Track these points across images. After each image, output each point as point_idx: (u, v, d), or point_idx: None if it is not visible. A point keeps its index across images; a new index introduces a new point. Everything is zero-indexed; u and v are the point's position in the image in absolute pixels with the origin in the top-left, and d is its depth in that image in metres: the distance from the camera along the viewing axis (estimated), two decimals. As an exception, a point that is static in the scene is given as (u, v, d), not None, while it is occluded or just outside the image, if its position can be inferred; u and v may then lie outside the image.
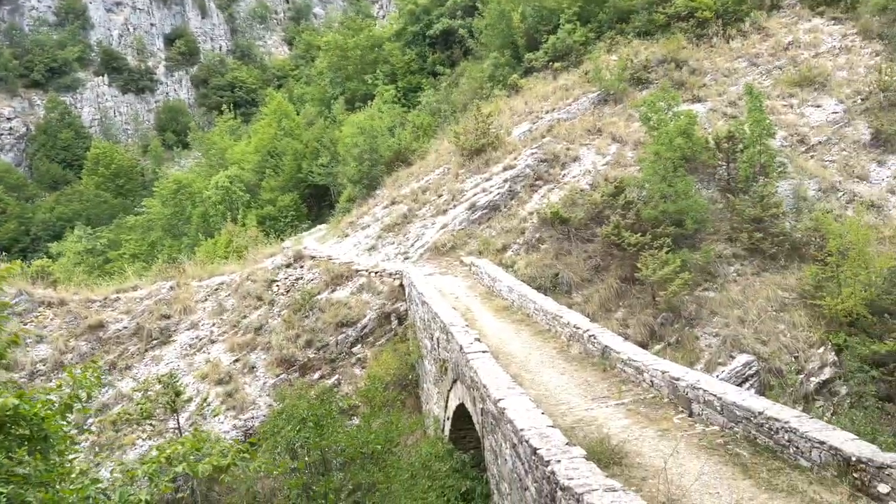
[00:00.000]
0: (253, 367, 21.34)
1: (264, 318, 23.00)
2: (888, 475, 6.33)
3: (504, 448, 9.46)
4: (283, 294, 23.92)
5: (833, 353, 19.80)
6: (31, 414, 4.48)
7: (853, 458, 6.80)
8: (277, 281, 24.50)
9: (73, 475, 4.58)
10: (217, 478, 16.85)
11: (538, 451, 7.43)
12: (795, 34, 32.34)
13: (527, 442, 7.88)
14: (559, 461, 7.01)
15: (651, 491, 7.19)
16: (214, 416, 19.19)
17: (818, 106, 28.74)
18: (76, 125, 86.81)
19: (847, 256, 20.31)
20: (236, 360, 21.62)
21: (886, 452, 6.76)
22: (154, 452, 4.57)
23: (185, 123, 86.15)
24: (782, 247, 22.28)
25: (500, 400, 9.56)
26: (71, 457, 4.72)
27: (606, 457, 7.97)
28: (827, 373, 19.43)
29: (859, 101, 28.34)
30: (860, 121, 27.56)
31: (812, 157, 26.50)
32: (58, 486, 4.24)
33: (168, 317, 23.08)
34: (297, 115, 50.19)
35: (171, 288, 24.31)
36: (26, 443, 4.62)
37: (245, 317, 23.12)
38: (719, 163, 24.71)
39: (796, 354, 19.84)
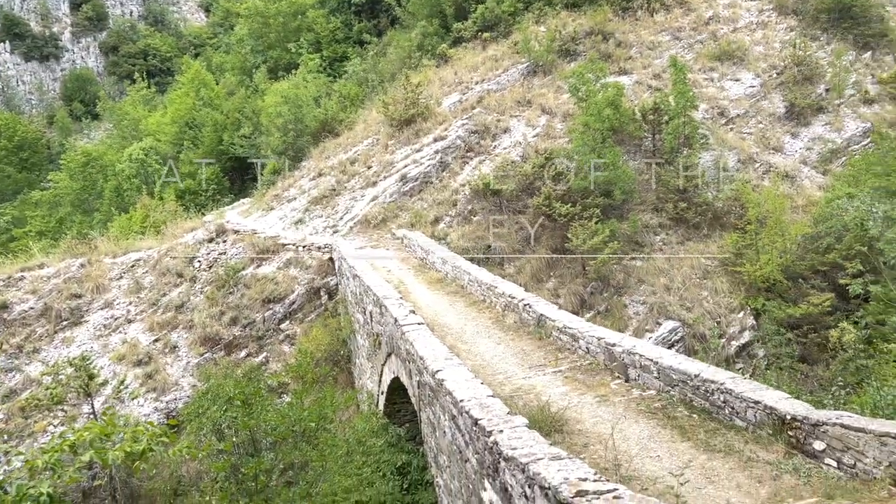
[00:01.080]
0: (175, 347, 20.34)
1: (186, 295, 21.93)
2: (823, 432, 6.44)
3: (443, 420, 9.23)
4: (205, 270, 22.87)
5: (752, 317, 20.63)
6: None
7: (788, 417, 6.90)
8: (199, 256, 23.38)
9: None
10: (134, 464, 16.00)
11: (479, 422, 7.20)
12: (716, 9, 33.18)
13: (467, 413, 7.65)
14: (501, 431, 6.80)
15: (594, 457, 7.11)
16: (133, 398, 18.18)
17: (737, 79, 29.65)
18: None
19: (765, 225, 21.13)
20: (156, 340, 20.55)
21: (820, 410, 6.89)
22: (58, 440, 4.05)
23: (94, 93, 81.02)
24: (705, 216, 22.95)
25: (437, 371, 9.29)
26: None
27: (548, 425, 7.85)
28: (746, 336, 20.24)
29: (775, 74, 29.42)
30: (776, 94, 28.63)
31: (731, 129, 27.36)
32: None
33: (79, 296, 21.65)
34: (217, 84, 47.95)
35: (82, 265, 22.80)
36: None
37: (165, 294, 21.98)
38: (645, 134, 25.13)
39: (718, 320, 20.56)
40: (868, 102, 28.76)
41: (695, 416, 8.07)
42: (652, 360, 9.20)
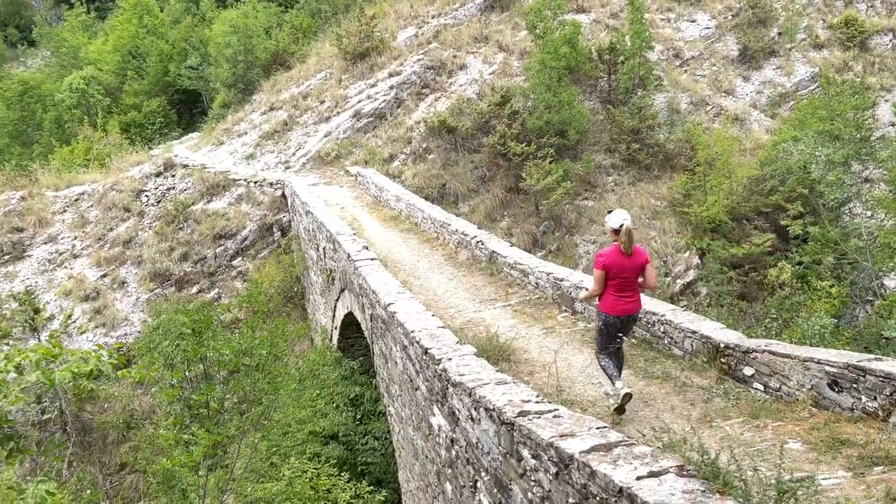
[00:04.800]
0: (123, 283, 20.00)
1: (133, 230, 21.43)
2: (753, 359, 6.83)
3: (394, 351, 9.42)
4: (153, 205, 22.32)
5: (697, 256, 21.31)
6: None
7: (722, 345, 7.28)
8: (147, 191, 22.77)
9: None
10: (87, 397, 15.95)
11: (429, 351, 7.40)
12: (675, -53, 32.77)
13: (418, 343, 7.83)
14: (450, 359, 7.01)
15: (538, 383, 7.40)
16: (81, 333, 17.93)
17: (693, 21, 29.68)
18: None
19: (713, 167, 21.59)
20: (104, 276, 20.14)
21: (751, 339, 7.29)
22: (2, 361, 4.01)
23: (29, 18, 76.26)
24: (657, 157, 23.30)
25: (389, 304, 9.43)
26: None
27: (496, 354, 8.10)
28: (691, 275, 20.94)
29: (730, 17, 29.53)
30: (730, 36, 28.82)
31: (686, 71, 27.54)
32: None
33: (21, 230, 20.95)
34: (161, 11, 45.65)
35: (23, 198, 21.98)
36: None
37: (112, 229, 21.44)
38: (601, 74, 25.11)
39: (665, 258, 21.17)
40: (818, 47, 29.21)
41: (635, 346, 8.42)
42: (598, 294, 9.48)
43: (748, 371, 6.89)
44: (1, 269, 19.93)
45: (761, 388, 6.72)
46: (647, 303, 8.82)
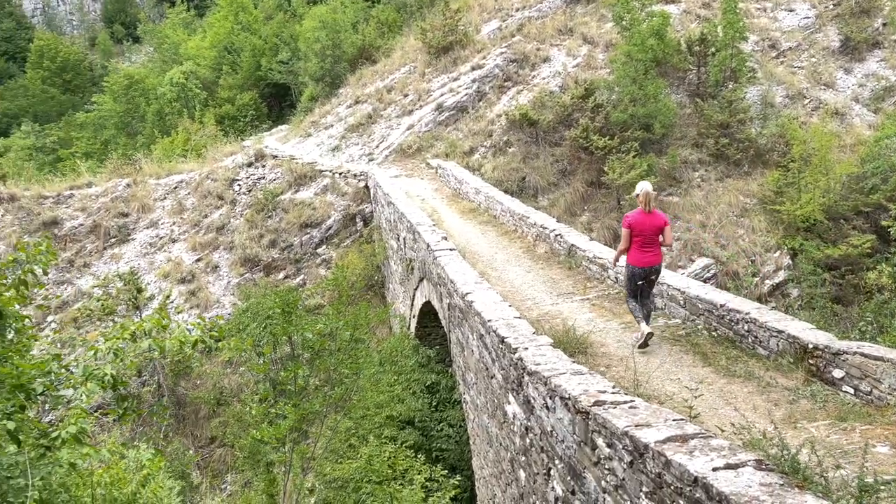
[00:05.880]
0: (216, 267, 21.10)
1: (226, 217, 22.55)
2: (843, 361, 6.57)
3: (471, 340, 9.59)
4: (244, 193, 23.39)
5: (788, 257, 20.42)
6: (-16, 290, 4.26)
7: (810, 346, 7.03)
8: (239, 180, 23.89)
9: (33, 352, 4.43)
10: (183, 373, 16.96)
11: (506, 340, 7.52)
12: (774, -66, 31.31)
13: (494, 332, 7.96)
14: (526, 348, 7.10)
15: (615, 376, 7.38)
16: (178, 313, 19.06)
17: (791, 10, 28.32)
18: (17, 14, 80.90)
19: (809, 163, 20.60)
20: (199, 260, 21.31)
21: (842, 340, 7.01)
22: (119, 330, 4.44)
23: (134, 15, 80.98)
24: (747, 153, 22.44)
25: (467, 294, 9.60)
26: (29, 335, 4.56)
27: (572, 346, 8.11)
28: (781, 276, 20.10)
29: (831, 6, 27.99)
30: (831, 27, 27.32)
31: (782, 62, 26.34)
32: (16, 361, 4.09)
33: (126, 215, 22.44)
34: (255, 8, 47.53)
35: (128, 185, 23.51)
36: (-20, 320, 4.42)
37: (206, 216, 22.63)
38: (690, 66, 24.39)
39: (753, 258, 20.41)
40: (929, 38, 27.27)
41: (718, 343, 8.24)
42: (679, 290, 9.33)
43: (837, 373, 6.64)
44: (108, 251, 21.45)
45: (851, 391, 6.47)
46: (733, 300, 8.63)
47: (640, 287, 8.32)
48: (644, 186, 8.20)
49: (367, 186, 22.76)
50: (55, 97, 61.22)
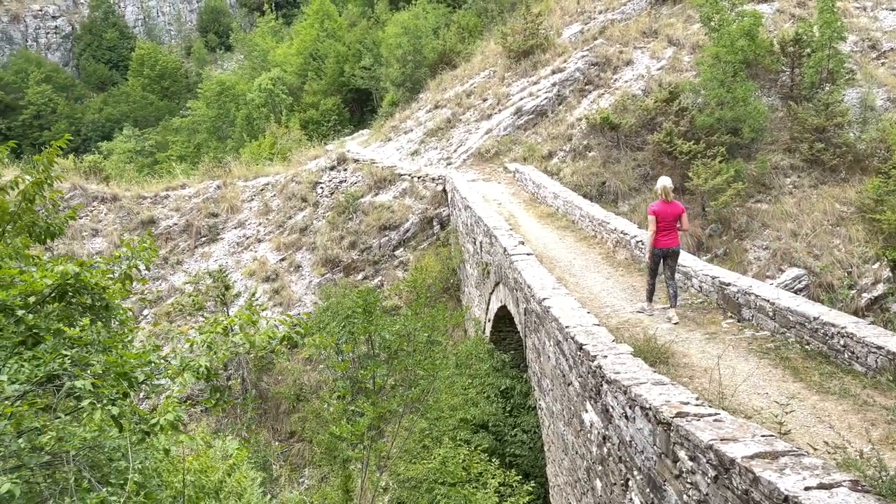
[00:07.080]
0: (299, 267, 21.78)
1: (309, 218, 23.26)
2: (950, 380, 6.15)
3: (547, 346, 9.51)
4: (327, 196, 24.05)
5: (889, 269, 19.20)
6: (93, 283, 4.58)
7: (912, 364, 6.61)
8: (321, 183, 24.58)
9: (135, 343, 4.74)
10: (265, 368, 17.59)
11: (584, 347, 7.42)
12: (879, -74, 29.56)
13: (572, 338, 7.87)
14: (605, 356, 6.99)
15: (698, 388, 7.15)
16: (263, 310, 19.78)
17: (893, 9, 26.66)
18: (120, 25, 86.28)
19: (914, 169, 19.32)
20: (282, 259, 22.07)
21: (949, 359, 6.55)
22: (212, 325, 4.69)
23: (226, 24, 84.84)
24: (844, 158, 21.28)
25: (544, 299, 9.53)
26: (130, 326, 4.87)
27: (653, 355, 7.92)
28: (880, 289, 18.93)
29: (943, 2, 26.15)
30: (941, 25, 25.52)
31: (883, 63, 24.82)
32: (120, 350, 4.38)
33: (216, 215, 23.52)
34: (340, 15, 48.86)
35: (218, 187, 24.63)
36: (88, 312, 4.75)
37: (290, 217, 23.42)
38: (783, 68, 23.34)
39: (849, 270, 19.31)
40: None
41: (810, 358, 7.86)
42: (768, 301, 8.95)
43: (944, 395, 6.21)
44: (199, 249, 22.54)
45: (960, 414, 6.04)
46: (827, 313, 8.21)
47: (660, 266, 9.82)
48: (663, 182, 9.85)
49: (444, 190, 22.95)
50: (154, 103, 64.87)
